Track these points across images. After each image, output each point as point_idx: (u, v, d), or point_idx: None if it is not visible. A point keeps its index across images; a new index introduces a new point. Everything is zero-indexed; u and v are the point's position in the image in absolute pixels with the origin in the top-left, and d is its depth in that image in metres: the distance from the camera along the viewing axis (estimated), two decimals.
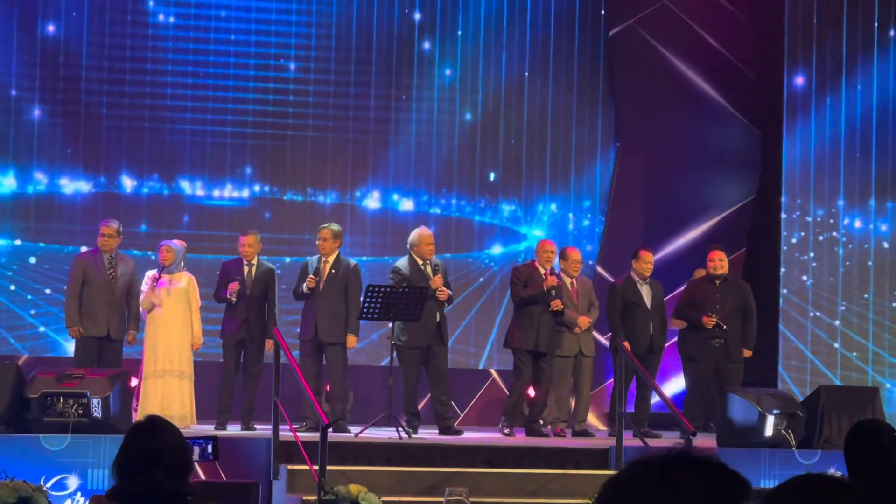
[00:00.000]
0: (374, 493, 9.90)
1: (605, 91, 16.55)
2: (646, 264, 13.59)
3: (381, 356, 15.16)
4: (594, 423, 14.98)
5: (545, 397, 13.34)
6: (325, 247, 12.85)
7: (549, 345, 13.14)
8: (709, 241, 15.07)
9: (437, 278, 12.75)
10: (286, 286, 13.50)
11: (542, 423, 13.32)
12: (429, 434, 12.53)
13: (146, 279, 12.76)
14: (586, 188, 16.50)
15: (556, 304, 13.10)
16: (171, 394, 12.47)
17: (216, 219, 15.57)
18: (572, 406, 13.52)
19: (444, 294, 12.77)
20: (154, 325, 12.64)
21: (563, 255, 13.65)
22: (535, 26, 16.38)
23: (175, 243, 12.91)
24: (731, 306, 13.49)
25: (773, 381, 15.41)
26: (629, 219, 16.38)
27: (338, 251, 12.91)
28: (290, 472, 10.44)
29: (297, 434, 10.73)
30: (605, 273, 15.87)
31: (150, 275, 12.76)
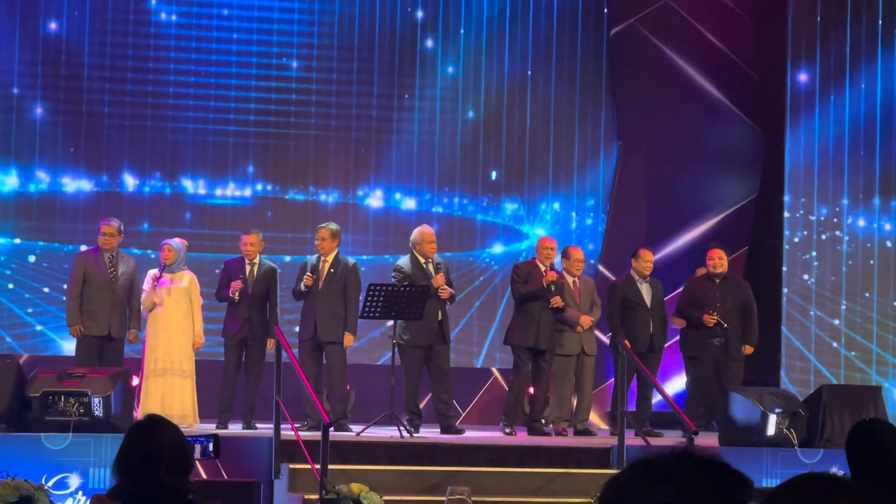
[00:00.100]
0: (375, 492, 9.89)
1: (608, 89, 16.55)
2: (645, 263, 13.58)
3: (382, 354, 15.17)
4: (596, 422, 14.98)
5: (545, 395, 13.33)
6: (324, 246, 12.85)
7: (549, 342, 13.13)
8: (711, 240, 15.05)
9: (438, 277, 12.74)
10: (286, 286, 13.50)
11: (543, 422, 13.31)
12: (430, 433, 12.53)
13: (147, 278, 12.76)
14: (589, 187, 16.50)
15: (556, 301, 13.08)
16: (171, 393, 12.47)
17: (218, 218, 15.56)
18: (574, 405, 13.51)
19: (445, 293, 12.76)
20: (155, 325, 12.64)
21: (565, 254, 13.65)
22: (537, 24, 16.38)
23: (176, 242, 12.90)
24: (732, 304, 13.48)
25: (774, 380, 15.40)
26: (631, 217, 16.37)
27: (337, 250, 12.91)
28: (292, 472, 10.44)
29: (299, 433, 10.72)
30: (606, 272, 15.87)
31: (151, 274, 12.76)
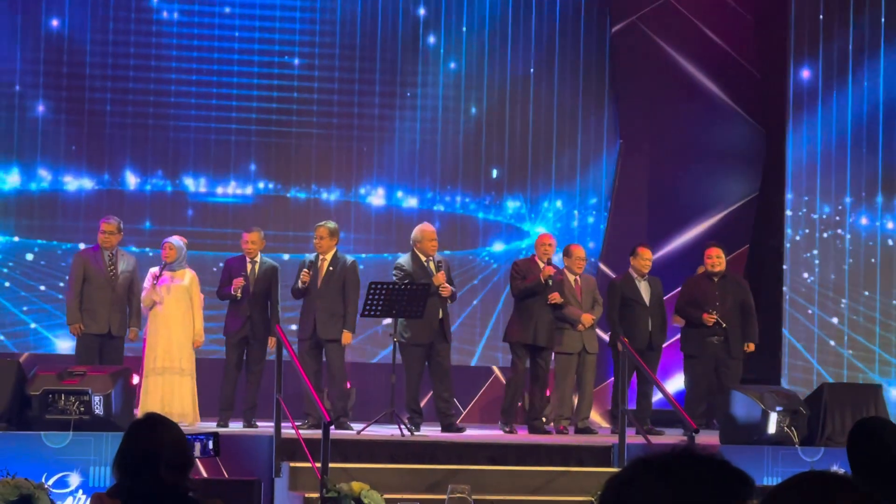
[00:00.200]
0: (376, 490, 9.89)
1: (610, 87, 16.55)
2: (644, 261, 13.58)
3: (379, 352, 15.19)
4: (597, 420, 14.98)
5: (543, 393, 13.32)
6: (322, 245, 12.84)
7: (547, 340, 13.12)
8: (712, 238, 15.04)
9: (439, 275, 12.74)
10: (287, 284, 13.49)
11: (544, 420, 13.31)
12: (431, 431, 12.52)
13: (148, 276, 12.76)
14: (592, 185, 16.50)
15: (555, 297, 13.06)
16: (171, 391, 12.46)
17: (220, 216, 15.56)
18: (575, 403, 13.51)
19: (446, 291, 12.76)
20: (155, 323, 12.64)
21: (566, 252, 13.64)
22: (539, 22, 16.38)
23: (177, 240, 12.90)
24: (731, 303, 13.47)
25: (775, 379, 15.40)
26: (632, 216, 16.37)
27: (335, 249, 12.90)
28: (293, 470, 10.43)
29: (300, 431, 10.72)
30: (607, 270, 15.87)
31: (152, 272, 12.76)
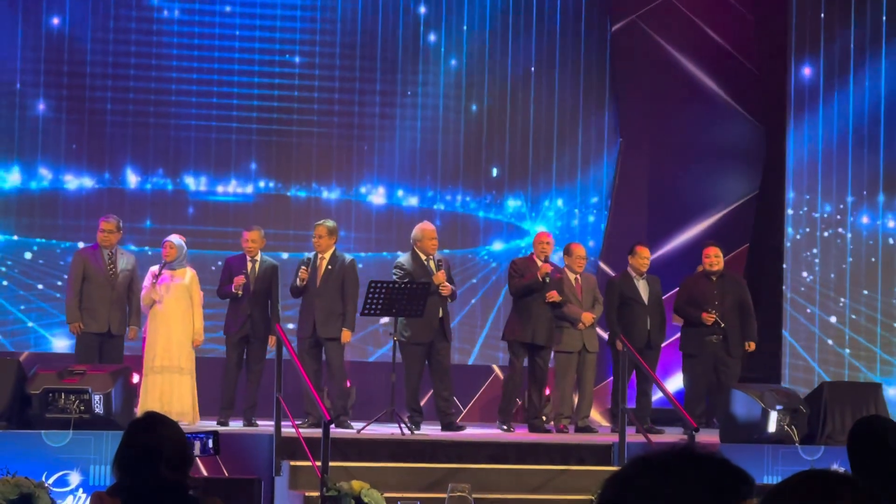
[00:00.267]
0: (376, 489, 9.89)
1: (610, 86, 16.54)
2: (642, 259, 13.58)
3: (375, 352, 15.20)
4: (597, 418, 14.98)
5: (542, 392, 13.32)
6: (321, 244, 12.84)
7: (546, 338, 13.12)
8: (712, 237, 15.04)
9: (439, 274, 12.74)
10: (287, 283, 13.49)
11: (544, 419, 13.31)
12: (431, 430, 12.53)
13: (147, 275, 12.76)
14: (593, 183, 16.49)
15: (553, 295, 13.06)
16: (170, 390, 12.45)
17: (221, 214, 15.56)
18: (575, 402, 13.51)
19: (446, 290, 12.75)
20: (155, 322, 12.64)
21: (567, 251, 13.65)
22: (540, 19, 16.38)
23: (178, 239, 12.90)
24: (730, 302, 13.47)
25: (776, 378, 15.40)
26: (632, 214, 16.36)
27: (334, 247, 12.91)
28: (293, 469, 10.44)
29: (300, 430, 10.72)
30: (607, 269, 15.87)
31: (152, 270, 12.76)
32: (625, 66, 16.57)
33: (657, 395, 13.96)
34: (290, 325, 13.52)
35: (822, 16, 16.02)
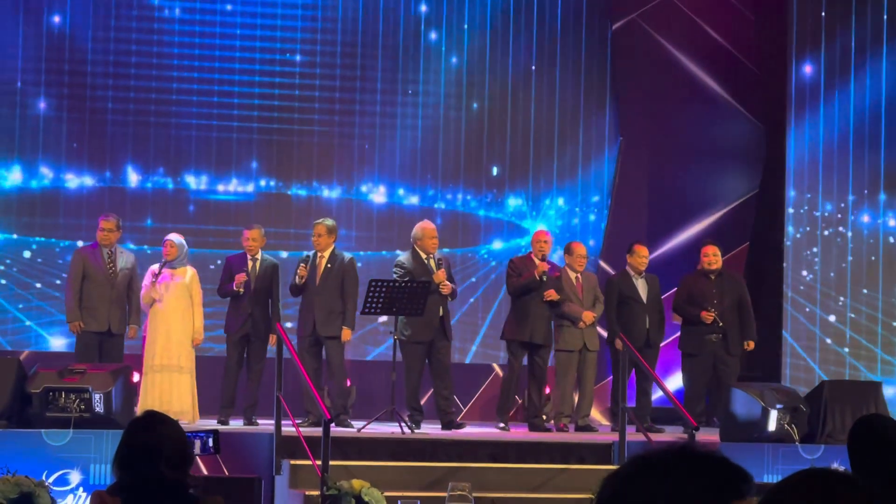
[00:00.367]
0: (376, 488, 9.89)
1: (611, 85, 16.54)
2: (640, 258, 13.59)
3: (372, 350, 15.19)
4: (597, 417, 14.98)
5: (541, 391, 13.32)
6: (321, 242, 12.85)
7: (545, 337, 13.12)
8: (712, 236, 15.03)
9: (440, 272, 12.74)
10: (287, 281, 13.48)
11: (545, 418, 13.31)
12: (432, 429, 12.53)
13: (147, 274, 12.75)
14: (593, 182, 16.49)
15: (550, 294, 13.05)
16: (170, 389, 12.45)
17: (221, 213, 15.55)
18: (576, 401, 13.51)
19: (447, 288, 12.75)
20: (155, 320, 12.64)
21: (567, 250, 13.66)
22: (541, 18, 16.37)
23: (178, 238, 12.90)
24: (729, 301, 13.47)
25: (776, 376, 15.39)
26: (632, 213, 16.35)
27: (333, 246, 12.91)
28: (293, 468, 10.44)
29: (300, 429, 10.72)
30: (607, 268, 15.86)
31: (152, 269, 12.76)
32: (625, 65, 16.56)
33: (657, 394, 13.96)
34: (290, 324, 13.52)
35: (823, 15, 16.01)
